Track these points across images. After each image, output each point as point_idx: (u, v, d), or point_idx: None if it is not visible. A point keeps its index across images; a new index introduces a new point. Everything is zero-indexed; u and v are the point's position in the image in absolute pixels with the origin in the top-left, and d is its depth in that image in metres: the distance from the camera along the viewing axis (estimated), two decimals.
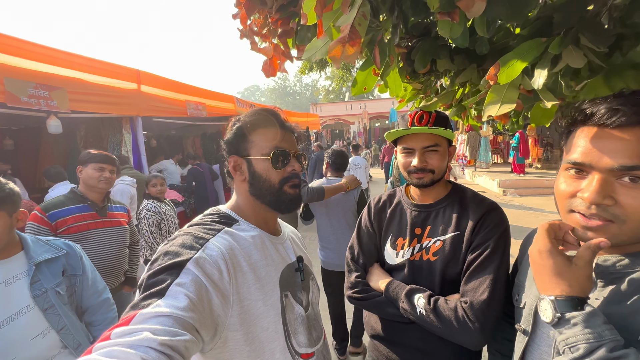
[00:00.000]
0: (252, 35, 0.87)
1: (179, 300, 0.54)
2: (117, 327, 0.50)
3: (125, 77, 4.34)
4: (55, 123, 3.49)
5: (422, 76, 1.00)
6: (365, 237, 1.11)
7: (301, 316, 0.79)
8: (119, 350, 0.44)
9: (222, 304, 0.62)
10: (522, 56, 0.61)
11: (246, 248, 0.72)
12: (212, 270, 0.62)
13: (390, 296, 0.97)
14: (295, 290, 0.80)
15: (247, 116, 0.80)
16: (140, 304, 0.54)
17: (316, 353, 0.81)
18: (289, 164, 0.78)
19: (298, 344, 0.77)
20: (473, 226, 0.92)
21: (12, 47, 3.15)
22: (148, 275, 0.59)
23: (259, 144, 0.77)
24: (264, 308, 0.70)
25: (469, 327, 0.82)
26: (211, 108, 5.80)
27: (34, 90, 3.18)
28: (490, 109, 0.66)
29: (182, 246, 0.64)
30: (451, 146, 1.01)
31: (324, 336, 0.88)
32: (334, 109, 21.70)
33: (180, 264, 0.60)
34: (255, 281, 0.70)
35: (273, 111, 0.81)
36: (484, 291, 0.83)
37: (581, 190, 0.56)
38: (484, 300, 0.82)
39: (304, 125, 11.79)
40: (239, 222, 0.77)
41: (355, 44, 0.57)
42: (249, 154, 0.78)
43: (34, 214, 1.76)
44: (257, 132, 0.78)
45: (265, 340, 0.70)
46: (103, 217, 1.92)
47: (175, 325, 0.51)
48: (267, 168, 0.76)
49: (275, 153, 0.75)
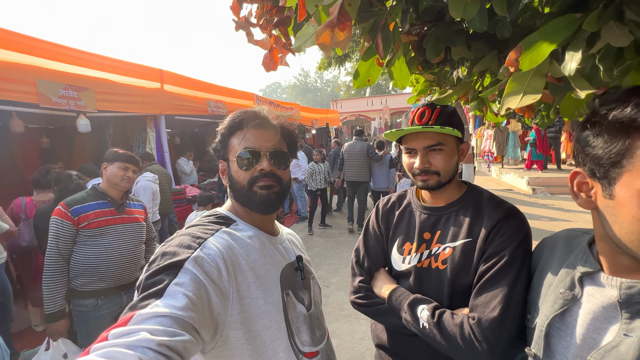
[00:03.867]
0: (248, 27, 0.82)
1: (177, 300, 0.54)
2: (115, 327, 0.49)
3: (149, 77, 4.48)
4: (84, 122, 3.66)
5: (435, 66, 0.90)
6: (372, 239, 1.04)
7: (303, 315, 0.79)
8: (116, 351, 0.44)
9: (221, 303, 0.62)
10: (550, 36, 0.51)
11: (245, 247, 0.72)
12: (211, 269, 0.62)
13: (393, 305, 0.89)
14: (296, 289, 0.80)
15: (228, 120, 0.79)
16: (138, 304, 0.53)
17: (320, 352, 0.80)
18: (258, 163, 0.76)
19: (302, 342, 0.76)
20: (487, 233, 0.82)
21: (43, 50, 3.32)
22: (146, 276, 0.58)
23: (235, 146, 0.77)
24: (265, 306, 0.70)
25: (475, 347, 0.72)
26: (231, 105, 5.87)
27: (64, 91, 3.34)
28: (510, 101, 0.56)
29: (180, 246, 0.63)
30: (463, 143, 0.91)
31: (327, 335, 0.87)
32: (354, 105, 21.39)
33: (178, 264, 0.59)
34: (255, 279, 0.70)
35: (252, 112, 0.79)
36: (495, 307, 0.73)
37: None
38: (495, 317, 0.72)
39: (324, 122, 11.72)
40: (237, 223, 0.77)
41: (345, 28, 0.49)
42: (227, 157, 0.79)
43: (58, 209, 1.83)
44: (234, 135, 0.78)
45: (267, 339, 0.69)
46: (122, 213, 1.97)
47: (174, 325, 0.50)
48: (237, 169, 0.76)
49: (240, 154, 0.75)
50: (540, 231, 5.02)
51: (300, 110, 9.08)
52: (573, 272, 0.61)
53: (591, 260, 0.59)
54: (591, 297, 0.57)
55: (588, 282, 0.59)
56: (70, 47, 3.63)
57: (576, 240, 0.67)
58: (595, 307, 0.55)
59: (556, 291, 0.62)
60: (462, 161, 0.92)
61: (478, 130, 11.91)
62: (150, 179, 3.73)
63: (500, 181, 10.14)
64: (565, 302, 0.59)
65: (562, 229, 0.75)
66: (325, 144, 11.89)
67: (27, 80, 3.03)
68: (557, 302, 0.61)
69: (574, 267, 0.61)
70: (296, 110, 8.77)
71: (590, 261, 0.59)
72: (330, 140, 12.21)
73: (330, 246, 5.10)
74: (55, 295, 1.72)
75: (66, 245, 1.79)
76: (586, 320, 0.56)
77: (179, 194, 4.88)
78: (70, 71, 3.47)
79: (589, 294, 0.57)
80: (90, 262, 1.81)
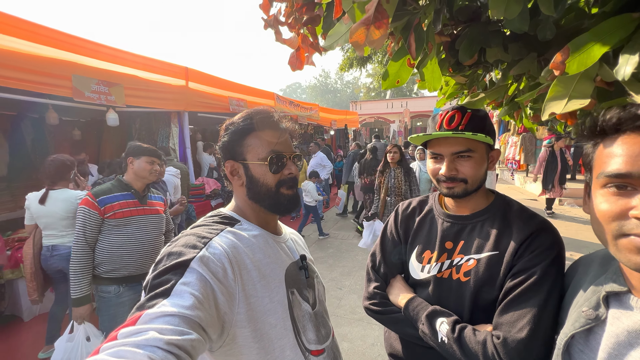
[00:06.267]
0: (276, 25, 0.81)
1: (184, 299, 0.54)
2: (124, 327, 0.49)
3: (175, 74, 4.61)
4: (113, 116, 3.82)
5: (467, 68, 0.87)
6: (390, 245, 1.01)
7: (309, 313, 0.79)
8: (126, 350, 0.44)
9: (227, 302, 0.62)
10: (603, 38, 0.47)
11: (249, 246, 0.72)
12: (217, 268, 0.62)
13: (409, 315, 0.86)
14: (301, 288, 0.80)
15: (241, 119, 0.78)
16: (146, 304, 0.54)
17: (326, 350, 0.81)
18: (285, 167, 0.77)
19: (308, 340, 0.77)
20: (516, 247, 0.76)
21: (79, 46, 3.49)
22: (153, 276, 0.59)
23: (255, 148, 0.76)
24: (271, 305, 0.71)
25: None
26: (252, 104, 5.96)
27: (96, 86, 3.50)
28: (554, 106, 0.52)
29: (186, 246, 0.64)
30: (493, 150, 0.86)
31: (332, 333, 0.88)
32: (374, 107, 21.20)
33: (185, 264, 0.60)
34: (260, 278, 0.70)
35: (267, 112, 0.79)
36: (522, 328, 0.68)
37: (634, 208, 0.46)
38: (522, 339, 0.67)
39: (342, 123, 11.69)
40: (241, 222, 0.78)
41: (381, 26, 0.47)
42: (245, 158, 0.77)
43: (86, 198, 1.91)
44: (253, 136, 0.77)
45: (274, 337, 0.70)
46: (144, 205, 2.03)
47: (182, 324, 0.51)
48: (264, 172, 0.76)
49: (272, 157, 0.75)
50: (568, 239, 4.76)
51: (319, 110, 9.09)
52: (600, 291, 0.57)
53: (620, 280, 0.55)
54: (616, 320, 0.53)
55: (615, 304, 0.55)
56: (104, 44, 3.80)
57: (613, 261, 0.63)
58: (620, 331, 0.51)
59: (580, 309, 0.58)
60: (491, 169, 0.87)
61: (502, 136, 11.51)
62: (173, 173, 3.84)
63: (524, 190, 9.72)
64: (588, 322, 0.56)
65: (599, 249, 0.70)
66: (343, 145, 11.86)
67: (63, 75, 3.19)
68: (579, 321, 0.57)
69: (602, 285, 0.57)
70: (315, 110, 8.79)
71: (620, 281, 0.55)
72: (349, 141, 12.17)
73: (344, 248, 5.07)
74: (81, 280, 1.80)
75: (92, 234, 1.86)
76: (609, 344, 0.52)
77: (198, 189, 4.99)
78: (103, 67, 3.63)
79: (615, 316, 0.53)
80: (114, 250, 1.88)
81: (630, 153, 0.47)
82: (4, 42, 2.81)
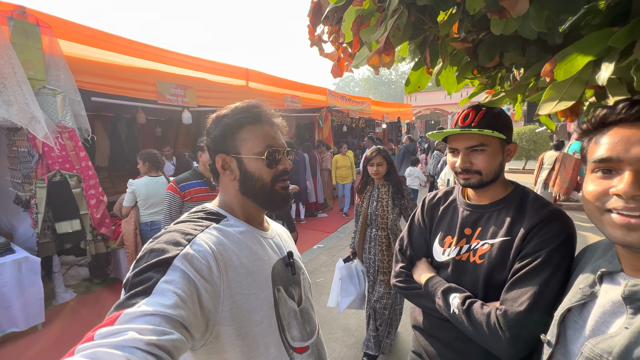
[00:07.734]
0: (320, 44, 1.00)
1: (166, 298, 0.52)
2: (101, 327, 0.47)
3: (237, 75, 5.11)
4: (187, 115, 4.44)
5: (491, 70, 0.94)
6: (416, 231, 1.14)
7: (294, 310, 0.78)
8: (103, 352, 0.42)
9: (212, 299, 0.60)
10: (585, 50, 0.54)
11: (236, 243, 0.70)
12: (201, 265, 0.60)
13: (428, 290, 0.98)
14: (287, 285, 0.79)
15: (235, 112, 0.76)
16: (125, 303, 0.51)
17: (310, 347, 0.81)
18: (280, 162, 0.77)
19: (292, 338, 0.76)
20: (525, 233, 0.84)
21: (160, 56, 4.12)
22: (133, 274, 0.56)
23: (250, 142, 0.74)
24: (257, 302, 0.69)
25: (499, 335, 0.78)
26: (305, 100, 6.26)
27: (175, 89, 4.11)
28: (546, 107, 0.61)
29: (168, 243, 0.61)
30: (510, 144, 0.93)
31: (317, 330, 0.87)
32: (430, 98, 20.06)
33: (167, 261, 0.57)
34: (246, 275, 0.69)
35: (261, 106, 0.77)
36: (523, 302, 0.77)
37: (614, 187, 0.54)
38: (521, 311, 0.76)
39: (395, 116, 11.43)
40: (227, 218, 0.75)
41: (390, 54, 0.63)
42: (239, 152, 0.75)
43: (171, 185, 2.37)
44: (247, 130, 0.75)
45: (259, 335, 0.69)
46: (214, 191, 2.43)
47: (163, 324, 0.49)
48: (260, 167, 0.74)
49: (269, 152, 0.74)
50: None
51: (371, 104, 9.07)
52: (597, 271, 0.64)
53: (615, 262, 0.62)
54: (605, 293, 0.60)
55: (607, 281, 0.62)
56: (180, 52, 4.40)
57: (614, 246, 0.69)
58: (606, 301, 0.59)
59: (578, 287, 0.66)
60: (508, 161, 0.94)
61: None
62: None
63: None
64: (584, 297, 0.63)
65: None
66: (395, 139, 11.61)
67: (149, 81, 3.83)
68: (576, 296, 0.65)
69: (599, 267, 0.64)
70: (367, 104, 8.80)
71: (615, 263, 0.62)
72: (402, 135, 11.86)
73: None
74: None
75: (176, 214, 2.30)
76: (597, 314, 0.60)
77: None
78: (179, 73, 4.23)
79: (605, 290, 0.61)
80: None
81: (611, 141, 0.55)
82: (104, 56, 3.49)
